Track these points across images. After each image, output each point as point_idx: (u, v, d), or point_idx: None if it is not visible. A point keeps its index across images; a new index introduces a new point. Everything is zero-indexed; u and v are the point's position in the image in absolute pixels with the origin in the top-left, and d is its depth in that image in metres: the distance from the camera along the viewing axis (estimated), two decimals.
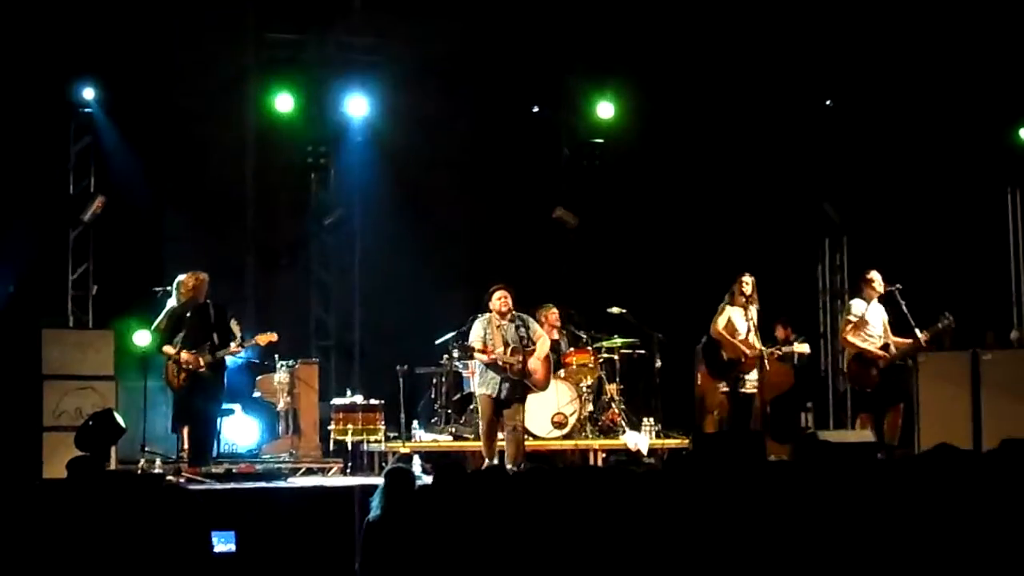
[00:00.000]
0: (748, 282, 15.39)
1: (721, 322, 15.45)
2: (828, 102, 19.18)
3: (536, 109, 19.34)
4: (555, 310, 17.19)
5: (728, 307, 15.45)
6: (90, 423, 12.41)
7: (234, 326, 15.14)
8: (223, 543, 11.15)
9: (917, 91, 17.87)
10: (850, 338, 15.33)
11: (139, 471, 14.37)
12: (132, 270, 17.32)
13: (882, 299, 15.34)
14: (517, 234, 19.13)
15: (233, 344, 14.89)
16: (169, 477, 13.87)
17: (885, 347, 15.22)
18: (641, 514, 8.18)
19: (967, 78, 17.53)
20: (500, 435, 14.63)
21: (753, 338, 15.34)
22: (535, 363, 14.59)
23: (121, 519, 7.99)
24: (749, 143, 18.91)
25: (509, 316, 14.58)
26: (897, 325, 15.28)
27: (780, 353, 16.12)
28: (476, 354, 14.55)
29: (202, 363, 14.55)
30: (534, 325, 14.91)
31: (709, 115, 18.92)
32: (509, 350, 14.44)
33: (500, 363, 14.42)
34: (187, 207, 17.91)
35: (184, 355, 14.51)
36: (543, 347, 14.74)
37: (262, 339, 15.38)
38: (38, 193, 17.24)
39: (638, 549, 7.97)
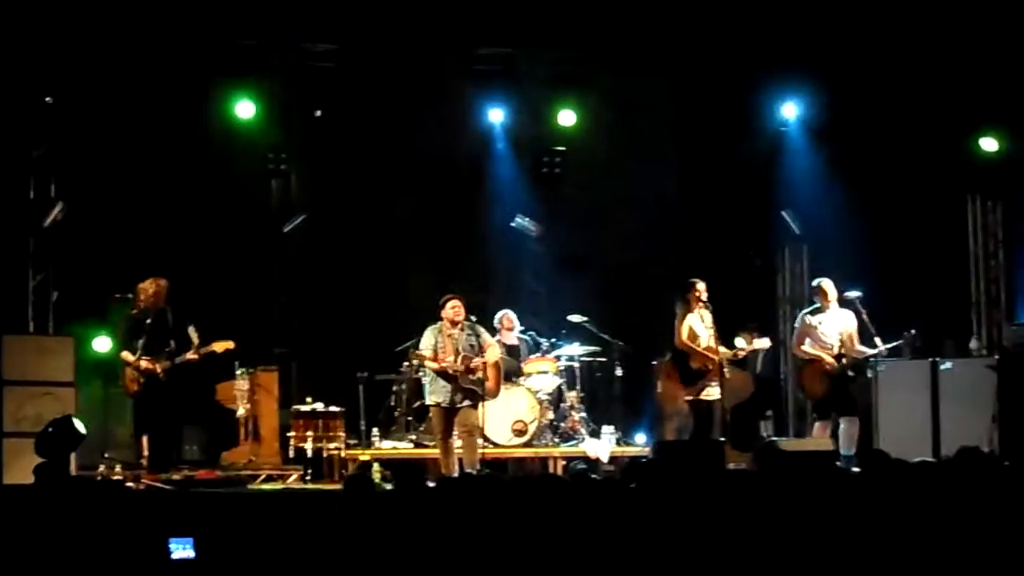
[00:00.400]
0: (702, 288, 15.34)
1: (684, 332, 15.31)
2: (783, 109, 19.18)
3: (499, 116, 19.30)
4: (513, 316, 17.26)
5: (687, 316, 15.39)
6: (50, 429, 12.38)
7: (192, 333, 15.13)
8: (182, 549, 11.09)
9: (876, 99, 17.92)
10: (801, 347, 15.52)
11: (99, 477, 14.35)
12: (92, 276, 17.23)
13: (846, 308, 15.43)
14: (478, 242, 19.14)
15: (190, 351, 14.87)
16: (129, 483, 13.86)
17: (839, 357, 15.31)
18: (600, 522, 8.19)
19: (926, 87, 17.59)
20: (458, 444, 14.63)
21: (714, 343, 15.32)
22: (487, 371, 14.63)
23: (80, 525, 7.97)
24: (707, 151, 18.95)
25: (460, 325, 14.61)
26: (858, 333, 15.37)
27: (743, 354, 16.05)
28: (427, 362, 14.58)
29: (159, 369, 14.51)
30: (485, 334, 14.96)
31: (669, 122, 18.97)
32: (460, 358, 14.47)
33: (451, 371, 14.44)
34: (148, 213, 17.82)
35: (144, 363, 14.48)
36: (492, 356, 14.76)
37: (218, 346, 15.41)
38: None
39: (598, 557, 7.98)
